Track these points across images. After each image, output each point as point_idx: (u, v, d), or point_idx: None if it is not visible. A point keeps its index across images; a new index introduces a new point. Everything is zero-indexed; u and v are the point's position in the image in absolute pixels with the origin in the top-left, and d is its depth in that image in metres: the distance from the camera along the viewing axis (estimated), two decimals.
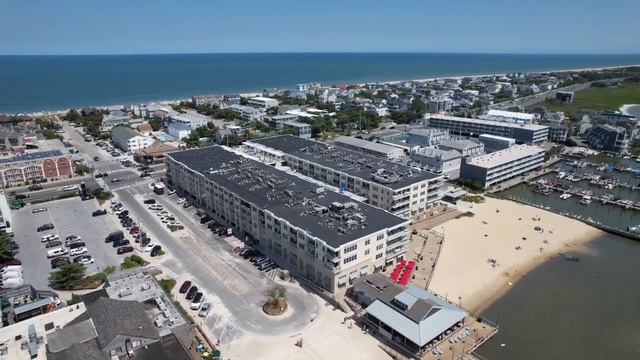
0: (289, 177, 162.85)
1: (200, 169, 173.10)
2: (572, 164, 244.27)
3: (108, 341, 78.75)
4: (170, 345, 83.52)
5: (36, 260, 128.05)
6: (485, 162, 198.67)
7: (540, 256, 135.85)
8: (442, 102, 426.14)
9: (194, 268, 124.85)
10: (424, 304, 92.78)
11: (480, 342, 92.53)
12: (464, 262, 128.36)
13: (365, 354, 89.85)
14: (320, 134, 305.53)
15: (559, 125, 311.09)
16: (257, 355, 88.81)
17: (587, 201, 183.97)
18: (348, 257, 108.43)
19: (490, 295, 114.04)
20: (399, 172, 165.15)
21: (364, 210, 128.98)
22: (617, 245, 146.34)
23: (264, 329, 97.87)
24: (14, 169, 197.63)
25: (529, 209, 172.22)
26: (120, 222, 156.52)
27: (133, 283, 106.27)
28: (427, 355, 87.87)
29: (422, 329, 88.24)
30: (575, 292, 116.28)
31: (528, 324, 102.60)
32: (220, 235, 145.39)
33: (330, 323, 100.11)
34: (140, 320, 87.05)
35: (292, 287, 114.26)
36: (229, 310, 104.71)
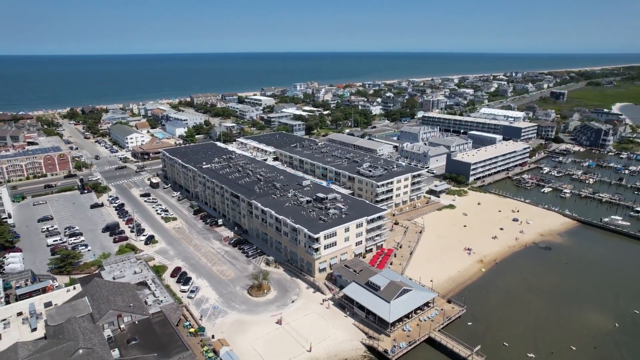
0: (278, 171, 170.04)
1: (194, 163, 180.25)
2: (557, 160, 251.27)
3: (101, 316, 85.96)
4: (158, 321, 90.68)
5: (36, 248, 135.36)
6: (470, 157, 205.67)
7: (515, 245, 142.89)
8: (435, 100, 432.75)
9: (185, 255, 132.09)
10: (395, 285, 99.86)
11: (448, 321, 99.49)
12: (441, 250, 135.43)
13: (340, 331, 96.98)
14: (314, 132, 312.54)
15: (548, 123, 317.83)
16: (239, 332, 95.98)
17: (567, 195, 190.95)
18: (328, 243, 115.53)
19: (463, 280, 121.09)
20: (383, 167, 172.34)
21: (346, 201, 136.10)
22: (589, 235, 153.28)
23: (247, 309, 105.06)
24: (15, 164, 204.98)
25: (510, 202, 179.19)
26: (117, 214, 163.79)
27: (126, 267, 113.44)
28: (396, 332, 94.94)
29: (392, 308, 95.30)
30: (544, 277, 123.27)
31: (495, 306, 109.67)
32: (211, 226, 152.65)
33: (310, 304, 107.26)
34: (132, 298, 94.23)
35: (276, 273, 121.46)
36: (215, 292, 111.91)
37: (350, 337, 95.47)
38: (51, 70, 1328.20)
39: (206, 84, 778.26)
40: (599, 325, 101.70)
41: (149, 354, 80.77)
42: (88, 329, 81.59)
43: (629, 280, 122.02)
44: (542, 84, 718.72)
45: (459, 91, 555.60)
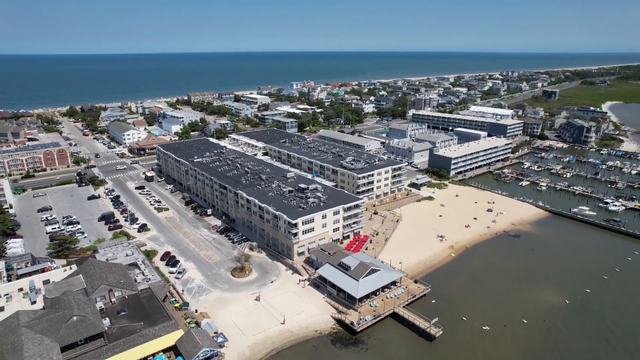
0: (265, 164, 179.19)
1: (186, 157, 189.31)
2: (540, 156, 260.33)
3: (94, 290, 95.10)
4: (146, 296, 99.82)
5: (36, 235, 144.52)
6: (451, 152, 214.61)
7: (486, 233, 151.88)
8: (427, 99, 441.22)
9: (174, 242, 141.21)
10: (364, 265, 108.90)
11: (412, 299, 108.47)
12: (415, 238, 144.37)
13: (313, 307, 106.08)
14: (307, 129, 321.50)
15: (533, 120, 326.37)
16: (220, 307, 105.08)
17: (543, 188, 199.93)
18: (306, 229, 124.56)
19: (432, 264, 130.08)
20: (366, 160, 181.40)
21: (326, 191, 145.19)
22: (558, 224, 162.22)
23: (229, 288, 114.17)
24: (16, 159, 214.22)
25: (487, 194, 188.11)
26: (112, 205, 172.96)
27: (119, 251, 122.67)
28: (364, 307, 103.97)
29: (360, 285, 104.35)
30: (509, 262, 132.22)
31: (459, 286, 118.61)
32: (201, 216, 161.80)
33: (288, 284, 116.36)
34: (123, 276, 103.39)
35: (259, 257, 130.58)
36: (201, 274, 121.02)
37: (321, 312, 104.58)
38: (51, 70, 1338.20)
39: (204, 83, 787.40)
40: (551, 302, 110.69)
41: (136, 323, 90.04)
42: (82, 301, 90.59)
43: (587, 263, 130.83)
44: (537, 83, 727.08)
45: (452, 90, 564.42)
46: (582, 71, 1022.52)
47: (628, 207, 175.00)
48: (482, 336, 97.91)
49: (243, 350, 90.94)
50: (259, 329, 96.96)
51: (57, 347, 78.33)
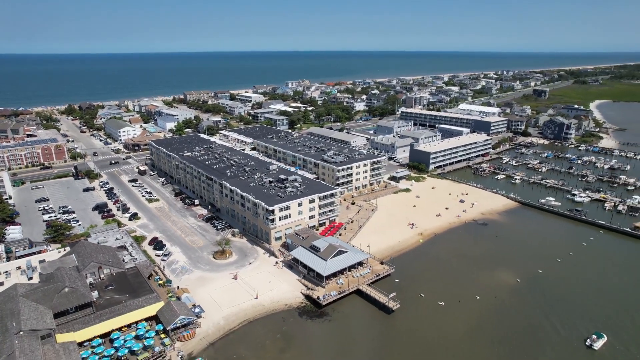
0: (250, 158, 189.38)
1: (177, 152, 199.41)
2: (520, 152, 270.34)
3: (85, 266, 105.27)
4: (132, 274, 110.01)
5: (33, 223, 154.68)
6: (430, 147, 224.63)
7: (456, 221, 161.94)
8: (418, 97, 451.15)
9: (162, 229, 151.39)
10: (332, 247, 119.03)
11: (376, 277, 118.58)
12: (388, 225, 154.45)
13: (285, 284, 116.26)
14: (298, 126, 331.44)
15: (517, 118, 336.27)
16: (200, 285, 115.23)
17: (517, 181, 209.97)
18: (282, 215, 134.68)
19: (401, 248, 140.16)
20: (346, 155, 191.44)
21: (304, 182, 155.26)
22: (525, 214, 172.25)
23: (210, 269, 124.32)
24: (15, 154, 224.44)
25: (462, 187, 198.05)
26: (106, 196, 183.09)
27: (110, 235, 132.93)
28: (331, 285, 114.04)
29: (327, 265, 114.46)
30: (472, 246, 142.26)
31: (423, 268, 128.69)
32: (189, 206, 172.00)
33: (264, 265, 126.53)
34: (111, 256, 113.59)
35: (240, 242, 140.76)
36: (185, 256, 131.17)
37: (292, 289, 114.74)
38: (51, 69, 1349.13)
39: (201, 82, 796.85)
40: (505, 281, 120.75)
41: (121, 296, 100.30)
42: (73, 276, 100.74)
43: (544, 248, 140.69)
44: (530, 82, 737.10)
45: (444, 89, 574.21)
46: (577, 70, 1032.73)
47: (593, 198, 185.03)
48: (437, 310, 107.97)
49: (218, 320, 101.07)
50: (233, 303, 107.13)
51: (50, 313, 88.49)
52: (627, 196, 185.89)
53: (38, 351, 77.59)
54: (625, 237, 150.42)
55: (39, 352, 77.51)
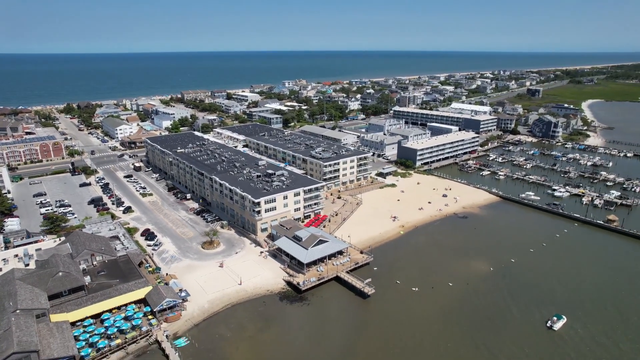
0: (241, 154, 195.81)
1: (170, 148, 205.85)
2: (508, 149, 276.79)
3: (78, 254, 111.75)
4: (123, 261, 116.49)
5: (31, 216, 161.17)
6: (417, 144, 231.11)
7: (437, 215, 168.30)
8: (412, 96, 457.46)
9: (155, 221, 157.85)
10: (314, 237, 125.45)
11: (355, 265, 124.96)
12: (371, 218, 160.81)
13: (268, 272, 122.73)
14: (291, 124, 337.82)
15: (507, 116, 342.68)
16: (188, 272, 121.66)
17: (501, 177, 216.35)
18: (268, 207, 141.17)
19: (381, 239, 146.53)
20: (335, 151, 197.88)
21: (291, 176, 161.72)
22: (505, 208, 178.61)
23: (198, 257, 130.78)
24: (14, 150, 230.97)
25: (447, 182, 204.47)
26: (102, 191, 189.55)
27: (103, 226, 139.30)
28: (311, 272, 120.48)
29: (308, 253, 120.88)
30: (450, 237, 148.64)
31: (401, 257, 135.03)
32: (181, 200, 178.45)
33: (250, 255, 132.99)
34: (104, 245, 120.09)
35: (228, 233, 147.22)
36: (175, 246, 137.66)
37: (275, 276, 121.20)
38: (50, 69, 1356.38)
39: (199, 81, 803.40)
40: (478, 270, 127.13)
41: (112, 280, 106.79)
42: (67, 262, 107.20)
43: (519, 239, 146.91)
44: (525, 81, 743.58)
45: (439, 88, 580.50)
46: (573, 70, 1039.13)
47: (572, 193, 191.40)
48: (410, 295, 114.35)
49: (203, 304, 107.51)
50: (218, 288, 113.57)
51: (45, 295, 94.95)
52: (605, 191, 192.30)
53: (33, 328, 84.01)
54: (598, 229, 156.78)
55: (34, 329, 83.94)
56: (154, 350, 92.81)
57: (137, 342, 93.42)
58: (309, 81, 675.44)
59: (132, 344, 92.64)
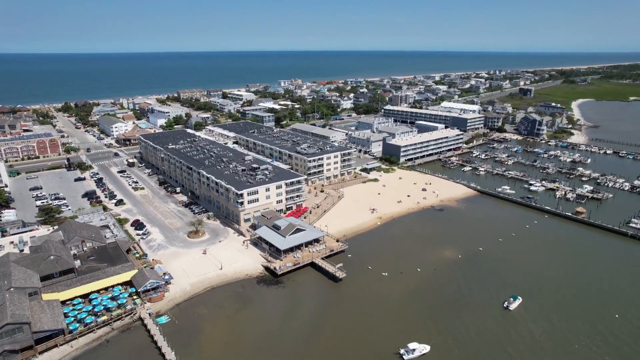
0: (230, 150, 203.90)
1: (162, 144, 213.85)
2: (492, 146, 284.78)
3: (69, 240, 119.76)
4: (112, 247, 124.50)
5: (27, 208, 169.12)
6: (401, 141, 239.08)
7: (415, 207, 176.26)
8: (404, 95, 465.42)
9: (145, 213, 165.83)
10: (291, 225, 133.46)
11: (330, 253, 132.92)
12: (351, 210, 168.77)
13: (248, 259, 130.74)
14: (284, 122, 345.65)
15: (494, 115, 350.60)
16: (173, 258, 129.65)
17: (481, 172, 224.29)
18: (251, 199, 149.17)
19: (359, 229, 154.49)
20: (320, 147, 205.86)
21: (275, 170, 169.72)
22: (482, 201, 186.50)
23: (184, 245, 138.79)
24: (12, 147, 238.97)
25: (428, 177, 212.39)
26: (96, 185, 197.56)
27: (95, 216, 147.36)
28: (288, 258, 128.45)
29: (286, 240, 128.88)
30: (424, 228, 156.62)
31: (375, 245, 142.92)
32: (171, 193, 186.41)
33: (233, 243, 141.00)
34: (94, 233, 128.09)
35: (213, 224, 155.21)
36: (163, 236, 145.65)
37: (254, 262, 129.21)
38: (49, 68, 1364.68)
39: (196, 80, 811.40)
40: (447, 257, 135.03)
41: (101, 264, 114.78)
42: (59, 247, 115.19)
43: (490, 230, 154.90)
44: (519, 81, 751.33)
45: (432, 87, 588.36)
46: (568, 70, 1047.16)
47: (547, 187, 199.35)
48: (380, 279, 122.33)
49: (185, 286, 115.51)
50: (200, 273, 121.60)
51: (37, 276, 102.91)
52: (579, 185, 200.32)
53: (25, 304, 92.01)
54: (566, 221, 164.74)
55: (26, 305, 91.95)
56: (137, 327, 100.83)
57: (122, 319, 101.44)
58: (305, 81, 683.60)
59: (117, 321, 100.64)
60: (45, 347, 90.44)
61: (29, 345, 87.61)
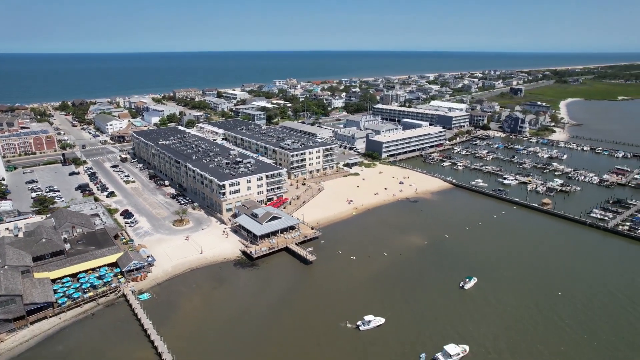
0: (217, 145, 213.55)
1: (153, 140, 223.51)
2: (474, 143, 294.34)
3: (60, 225, 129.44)
4: (100, 233, 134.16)
5: (23, 199, 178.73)
6: (383, 137, 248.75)
7: (391, 199, 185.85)
8: (395, 95, 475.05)
9: (134, 204, 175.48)
10: (268, 213, 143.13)
11: (304, 239, 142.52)
12: (329, 202, 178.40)
13: (228, 244, 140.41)
14: (275, 120, 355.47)
15: (480, 113, 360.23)
16: (158, 244, 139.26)
17: (460, 167, 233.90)
18: (232, 190, 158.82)
19: (335, 219, 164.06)
20: (303, 143, 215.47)
21: (257, 163, 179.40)
22: (456, 193, 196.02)
23: (169, 233, 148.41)
24: (9, 143, 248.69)
25: (407, 172, 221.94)
26: (89, 179, 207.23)
27: (86, 206, 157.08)
28: (264, 243, 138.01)
29: (262, 227, 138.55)
30: (397, 217, 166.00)
31: (348, 233, 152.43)
32: (160, 186, 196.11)
33: (214, 230, 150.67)
34: (84, 220, 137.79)
35: (198, 214, 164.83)
36: (150, 224, 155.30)
37: (233, 247, 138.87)
38: (48, 68, 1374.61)
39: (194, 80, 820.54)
40: (414, 243, 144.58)
41: (89, 247, 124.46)
42: (51, 232, 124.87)
43: (458, 219, 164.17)
44: (512, 81, 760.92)
45: (425, 87, 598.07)
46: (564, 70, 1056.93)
47: (520, 181, 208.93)
48: (348, 262, 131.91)
49: (167, 268, 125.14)
50: (182, 256, 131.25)
51: (29, 257, 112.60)
52: (551, 179, 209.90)
53: (18, 279, 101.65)
54: (532, 211, 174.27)
55: (19, 280, 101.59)
56: (120, 302, 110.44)
57: (107, 296, 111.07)
58: (300, 80, 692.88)
59: (102, 297, 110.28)
60: (36, 318, 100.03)
61: (21, 315, 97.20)
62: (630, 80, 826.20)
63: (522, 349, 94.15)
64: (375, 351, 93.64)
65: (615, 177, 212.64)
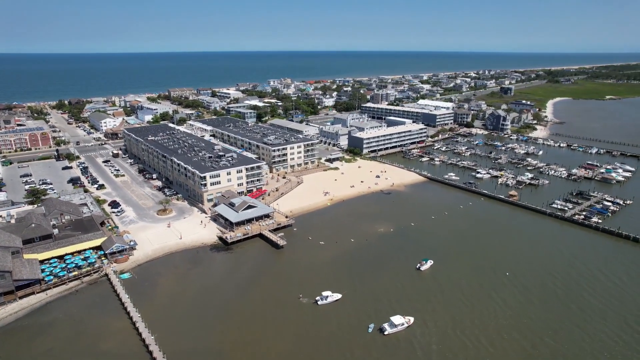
0: (203, 141, 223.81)
1: (143, 137, 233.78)
2: (456, 140, 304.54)
3: (50, 212, 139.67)
4: (87, 220, 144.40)
5: (17, 192, 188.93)
6: (364, 134, 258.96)
7: (366, 191, 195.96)
8: (385, 94, 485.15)
9: (122, 195, 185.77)
10: (244, 202, 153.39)
11: (278, 226, 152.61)
12: (306, 193, 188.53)
13: (206, 231, 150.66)
14: (265, 118, 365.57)
15: (464, 111, 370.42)
16: (141, 231, 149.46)
17: (437, 162, 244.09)
18: (213, 182, 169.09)
19: (310, 209, 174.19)
20: (286, 139, 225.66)
21: (239, 157, 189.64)
22: (428, 186, 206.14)
23: (152, 221, 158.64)
24: (5, 139, 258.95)
25: (385, 166, 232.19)
26: (81, 173, 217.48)
27: (75, 196, 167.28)
28: (239, 229, 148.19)
29: (238, 215, 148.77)
30: (369, 208, 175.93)
31: (321, 221, 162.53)
32: (148, 179, 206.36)
33: (195, 219, 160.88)
34: (73, 208, 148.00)
35: (181, 204, 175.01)
36: (135, 213, 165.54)
37: (211, 233, 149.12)
38: (46, 68, 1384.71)
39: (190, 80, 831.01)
40: (380, 230, 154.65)
41: (76, 232, 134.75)
42: (40, 218, 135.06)
43: (426, 209, 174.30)
44: (505, 80, 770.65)
45: (416, 86, 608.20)
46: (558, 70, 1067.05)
47: (493, 175, 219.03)
48: (316, 247, 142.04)
49: (147, 251, 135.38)
50: (162, 241, 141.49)
51: (19, 239, 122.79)
52: (522, 173, 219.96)
53: (8, 258, 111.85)
54: (499, 203, 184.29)
55: (9, 259, 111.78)
56: (103, 281, 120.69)
57: (91, 275, 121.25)
58: (294, 80, 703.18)
59: (86, 276, 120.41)
60: (24, 293, 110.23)
61: (10, 290, 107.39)
62: (622, 80, 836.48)
63: (465, 324, 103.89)
64: (329, 322, 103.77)
65: (584, 172, 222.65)
